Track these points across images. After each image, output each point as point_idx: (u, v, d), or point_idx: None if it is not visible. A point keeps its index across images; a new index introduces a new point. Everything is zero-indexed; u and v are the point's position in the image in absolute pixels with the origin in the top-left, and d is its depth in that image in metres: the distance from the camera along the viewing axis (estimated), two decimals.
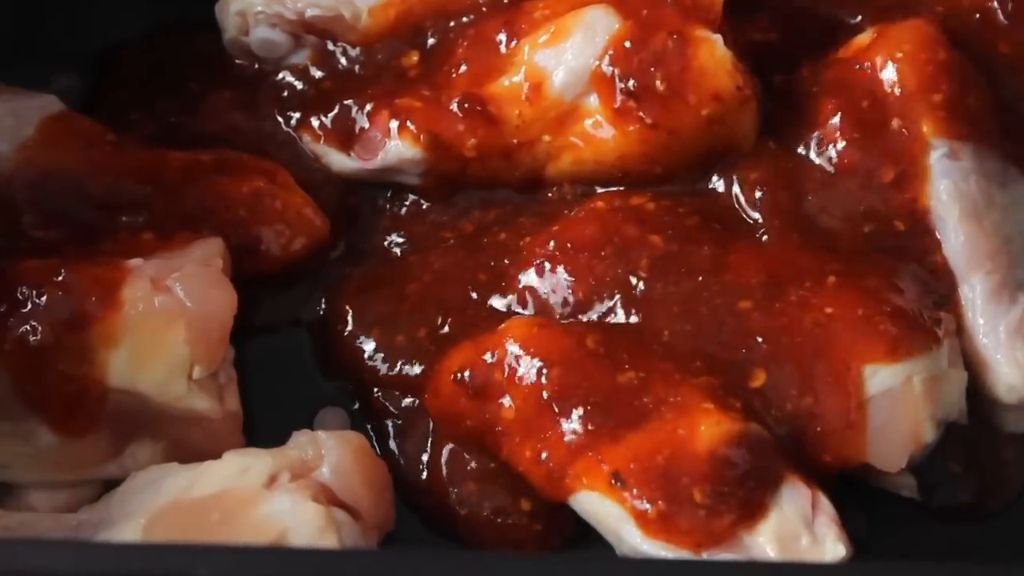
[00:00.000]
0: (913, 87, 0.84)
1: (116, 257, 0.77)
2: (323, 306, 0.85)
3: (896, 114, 0.84)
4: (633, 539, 0.73)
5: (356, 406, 0.84)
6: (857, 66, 0.86)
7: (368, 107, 0.87)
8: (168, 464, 0.76)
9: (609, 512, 0.74)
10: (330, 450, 0.75)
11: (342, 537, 0.71)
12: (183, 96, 0.91)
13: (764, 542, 0.72)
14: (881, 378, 0.76)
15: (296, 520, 0.70)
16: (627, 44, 0.83)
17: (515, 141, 0.86)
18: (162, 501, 0.73)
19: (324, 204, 0.87)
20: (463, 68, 0.87)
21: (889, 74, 0.85)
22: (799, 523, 0.72)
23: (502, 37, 0.86)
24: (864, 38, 0.88)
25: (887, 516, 0.81)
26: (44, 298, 0.74)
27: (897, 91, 0.84)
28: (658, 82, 0.82)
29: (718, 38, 0.82)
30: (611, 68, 0.83)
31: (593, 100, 0.85)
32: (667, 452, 0.73)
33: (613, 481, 0.73)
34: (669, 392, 0.76)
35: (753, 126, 0.86)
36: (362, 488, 0.74)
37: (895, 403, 0.76)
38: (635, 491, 0.73)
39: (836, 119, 0.85)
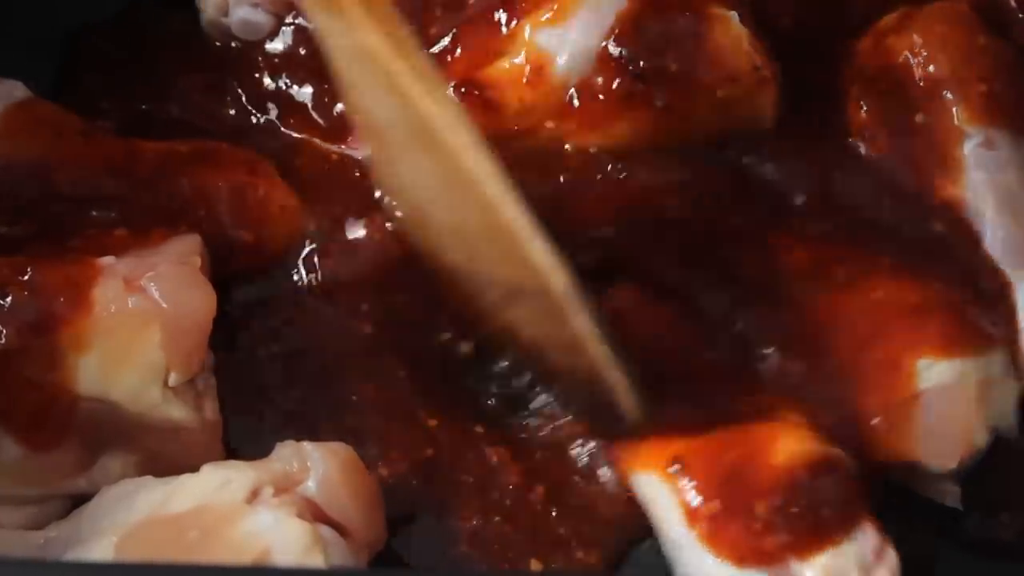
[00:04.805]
0: (947, 72, 0.84)
1: (86, 255, 0.77)
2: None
3: (926, 101, 0.85)
4: (678, 533, 0.74)
5: None
6: (885, 50, 0.86)
7: None
8: (142, 478, 0.76)
9: (661, 499, 0.74)
10: (316, 463, 0.75)
11: (329, 556, 0.71)
12: (157, 81, 0.92)
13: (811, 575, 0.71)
14: (936, 373, 0.76)
15: (280, 538, 0.70)
16: (636, 22, 0.83)
17: (516, 128, 0.86)
18: (136, 517, 0.73)
19: (310, 194, 0.87)
20: (459, 51, 0.87)
21: (921, 58, 0.85)
22: (855, 567, 0.72)
23: (501, 16, 0.86)
24: (889, 21, 0.88)
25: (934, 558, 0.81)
26: (9, 299, 0.74)
27: (928, 76, 0.85)
28: (670, 63, 0.82)
29: (734, 15, 0.83)
30: (619, 49, 0.83)
31: (600, 83, 0.85)
32: (739, 453, 0.73)
33: (673, 466, 0.74)
34: (756, 392, 0.77)
35: (772, 110, 0.86)
36: (351, 503, 0.74)
37: (949, 400, 0.76)
38: (692, 482, 0.73)
39: (863, 111, 0.85)
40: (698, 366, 0.79)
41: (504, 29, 0.86)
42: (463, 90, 0.86)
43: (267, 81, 0.91)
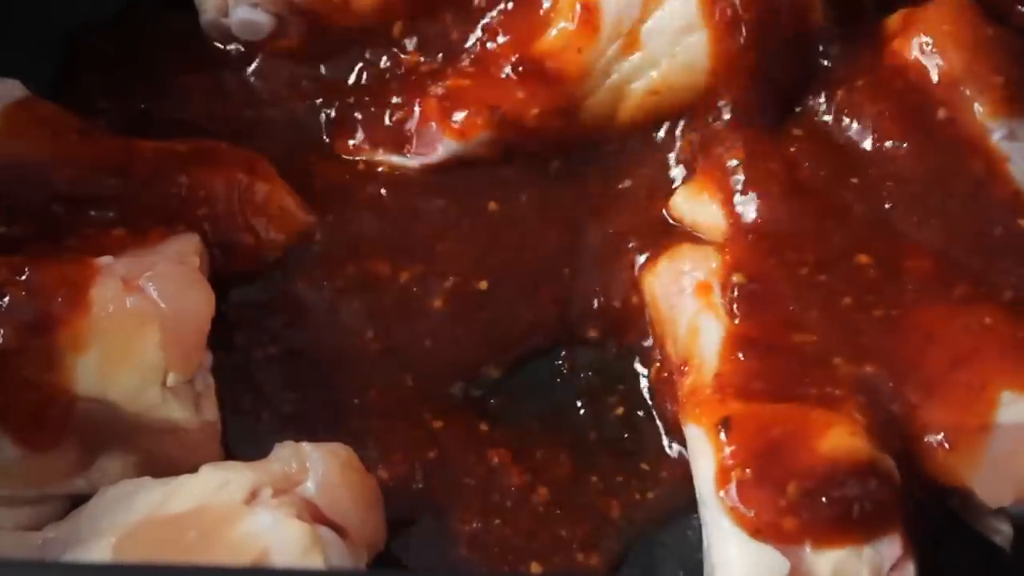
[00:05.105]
0: (962, 69, 0.84)
1: (84, 255, 0.77)
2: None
3: (943, 100, 0.84)
4: (706, 491, 0.74)
5: None
6: (894, 53, 0.86)
7: (408, 97, 0.88)
8: (141, 478, 0.76)
9: (703, 455, 0.75)
10: (315, 463, 0.75)
11: (328, 557, 0.71)
12: (156, 81, 0.92)
13: (822, 569, 0.71)
14: (1016, 409, 0.75)
15: (278, 538, 0.70)
16: None
17: (579, 93, 0.86)
18: (134, 518, 0.73)
19: (312, 187, 0.88)
20: (502, 38, 0.87)
21: (932, 58, 0.85)
22: (868, 571, 0.71)
23: None
24: (894, 21, 0.88)
25: None
26: (6, 299, 0.74)
27: (943, 76, 0.84)
28: None
29: None
30: None
31: None
32: (788, 430, 0.74)
33: (720, 426, 0.74)
34: (828, 380, 0.76)
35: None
36: (350, 504, 0.75)
37: (1020, 438, 0.75)
38: (733, 446, 0.74)
39: (887, 119, 0.85)
40: (787, 345, 0.79)
41: (546, 3, 0.86)
42: (520, 69, 0.86)
43: (268, 82, 0.91)
